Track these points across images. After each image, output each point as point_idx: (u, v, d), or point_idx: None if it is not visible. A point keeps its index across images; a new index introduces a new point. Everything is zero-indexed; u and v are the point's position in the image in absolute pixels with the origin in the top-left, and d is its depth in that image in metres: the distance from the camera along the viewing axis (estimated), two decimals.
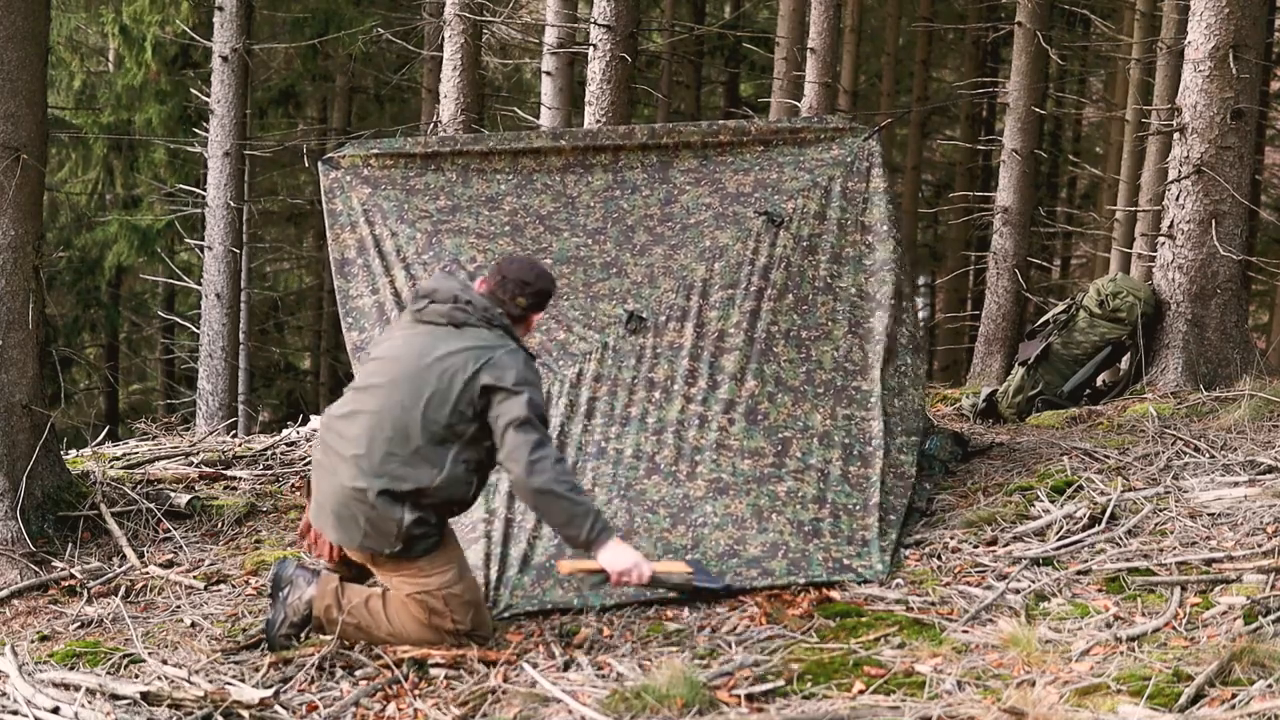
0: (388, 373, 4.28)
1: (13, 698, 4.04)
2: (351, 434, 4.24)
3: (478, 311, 4.32)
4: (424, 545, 4.25)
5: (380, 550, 4.22)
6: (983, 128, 20.10)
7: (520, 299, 4.43)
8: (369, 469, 4.17)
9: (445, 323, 4.31)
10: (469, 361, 4.20)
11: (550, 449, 4.15)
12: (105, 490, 6.04)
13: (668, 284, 5.84)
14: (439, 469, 4.17)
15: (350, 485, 4.20)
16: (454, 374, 4.19)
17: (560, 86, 11.43)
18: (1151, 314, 8.53)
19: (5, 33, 5.48)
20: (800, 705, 3.74)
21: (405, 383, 4.22)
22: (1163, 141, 11.22)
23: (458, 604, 4.30)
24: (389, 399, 4.21)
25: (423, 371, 4.21)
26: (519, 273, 4.48)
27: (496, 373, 4.17)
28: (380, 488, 4.15)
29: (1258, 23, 8.43)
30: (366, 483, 4.17)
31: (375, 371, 4.33)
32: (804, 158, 6.46)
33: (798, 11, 13.47)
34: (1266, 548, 4.70)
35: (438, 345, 4.25)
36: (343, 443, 4.25)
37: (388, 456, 4.17)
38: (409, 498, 4.17)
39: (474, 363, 4.19)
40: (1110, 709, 3.45)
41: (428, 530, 4.23)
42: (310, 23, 16.33)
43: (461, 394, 4.17)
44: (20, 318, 5.57)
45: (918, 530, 5.40)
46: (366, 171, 6.20)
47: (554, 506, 4.12)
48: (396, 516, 4.17)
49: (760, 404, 5.48)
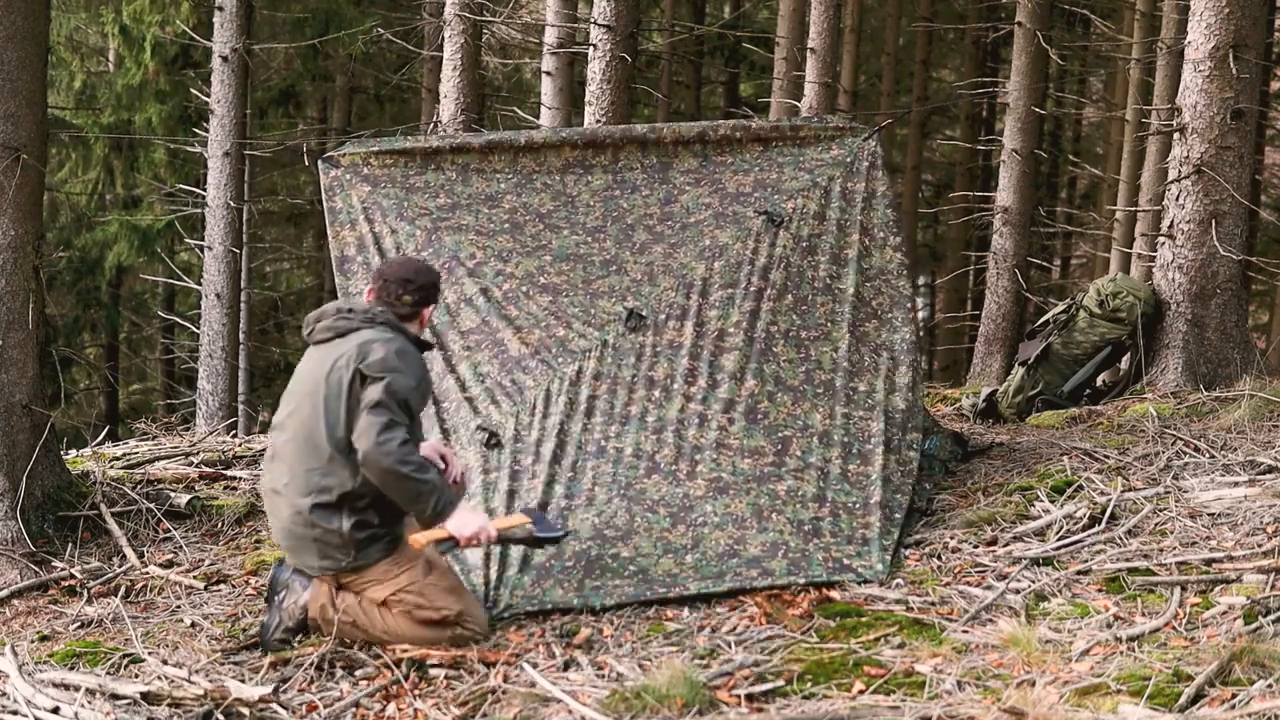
0: (292, 402, 4.47)
1: (13, 698, 4.03)
2: (277, 471, 4.44)
3: (359, 315, 4.48)
4: (378, 548, 4.36)
5: (339, 567, 4.36)
6: (983, 128, 20.09)
7: (406, 296, 4.57)
8: (297, 490, 4.34)
9: (332, 336, 4.47)
10: (350, 361, 4.35)
11: (399, 431, 4.25)
12: (105, 490, 6.04)
13: (667, 282, 5.84)
14: (355, 470, 4.29)
15: (289, 514, 4.37)
16: (340, 378, 4.34)
17: (560, 86, 11.43)
18: (1151, 314, 8.53)
19: (5, 33, 5.48)
20: (800, 705, 3.74)
21: (306, 402, 4.39)
22: (1163, 141, 11.22)
23: (436, 592, 4.37)
24: (297, 423, 4.40)
25: (318, 386, 4.37)
26: (399, 272, 4.63)
27: (368, 361, 4.33)
28: (311, 503, 4.32)
29: (1258, 23, 8.42)
30: (300, 503, 4.33)
31: (283, 407, 4.52)
32: (804, 158, 6.47)
33: (798, 11, 13.47)
34: (1266, 548, 4.70)
35: (327, 359, 4.41)
36: (273, 481, 4.45)
37: (308, 473, 4.34)
38: (342, 504, 4.31)
39: (354, 360, 4.34)
40: (1110, 709, 3.45)
41: (374, 532, 4.34)
42: (310, 23, 16.32)
43: (350, 394, 4.32)
44: (20, 318, 5.57)
45: (918, 530, 5.40)
46: (366, 170, 6.21)
47: (401, 485, 4.23)
48: (335, 526, 4.31)
49: (760, 403, 5.48)
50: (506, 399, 5.41)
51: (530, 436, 5.26)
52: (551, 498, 5.04)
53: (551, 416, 5.30)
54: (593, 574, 4.78)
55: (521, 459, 5.19)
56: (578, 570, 4.79)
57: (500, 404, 5.39)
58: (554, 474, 5.12)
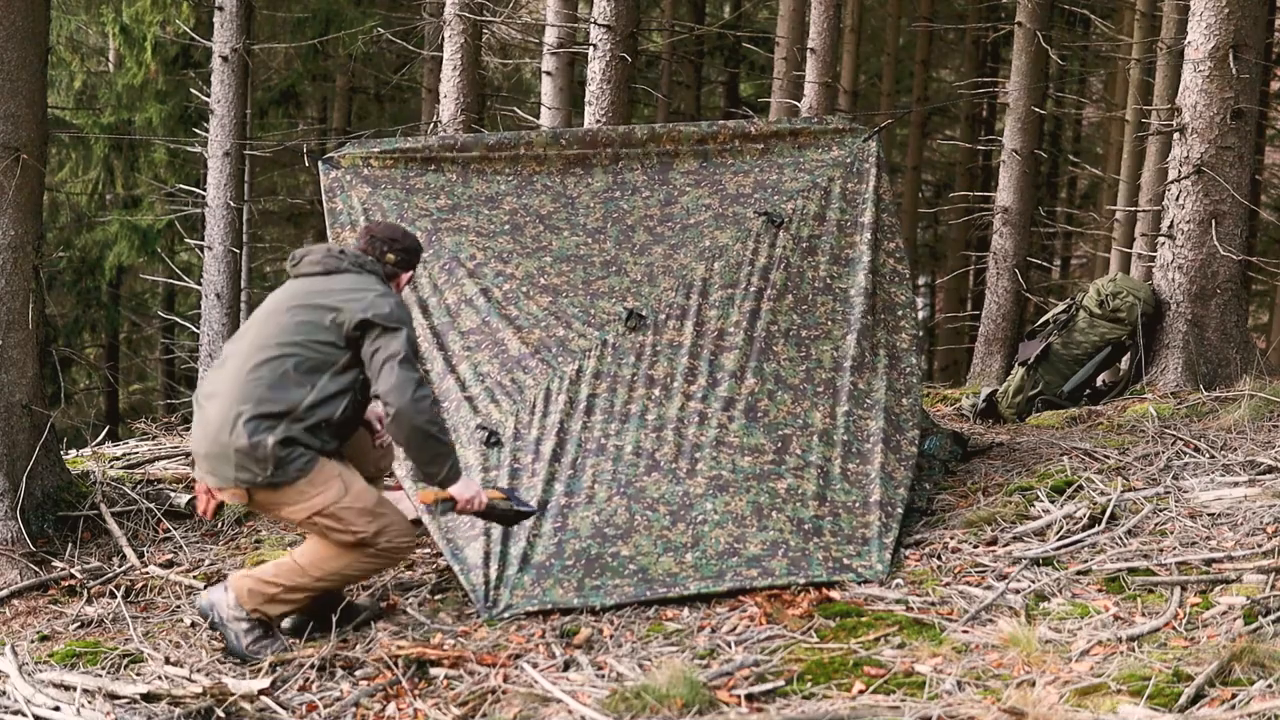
0: (256, 319, 4.51)
1: (13, 698, 4.04)
2: (222, 377, 4.41)
3: (350, 258, 4.56)
4: (296, 466, 4.32)
5: (255, 480, 4.31)
6: (983, 128, 20.09)
7: (390, 255, 4.67)
8: (237, 397, 4.31)
9: (321, 271, 4.53)
10: (344, 297, 4.40)
11: (429, 389, 4.36)
12: (105, 490, 6.04)
13: (667, 283, 5.84)
14: (309, 390, 4.33)
15: (219, 421, 4.32)
16: (327, 307, 4.38)
17: (560, 86, 11.43)
18: (1151, 314, 8.53)
19: (5, 32, 5.48)
20: (800, 705, 3.74)
21: (274, 319, 4.43)
22: (1163, 141, 11.21)
23: (352, 514, 4.37)
24: (257, 336, 4.42)
25: (294, 309, 4.42)
26: (387, 231, 4.74)
27: (373, 309, 4.36)
28: (251, 413, 4.29)
29: (1258, 23, 8.42)
30: (235, 410, 4.29)
31: (246, 324, 4.56)
32: (804, 159, 6.47)
33: (798, 11, 13.47)
34: (1266, 548, 4.70)
35: (311, 287, 4.47)
36: (213, 386, 4.42)
37: (254, 383, 4.32)
38: (278, 420, 4.29)
39: (349, 298, 4.39)
40: (1110, 709, 3.45)
41: (295, 451, 4.31)
42: (310, 23, 16.31)
43: (335, 325, 4.36)
44: (20, 318, 5.57)
45: (918, 530, 5.40)
46: (367, 171, 6.22)
47: (427, 445, 4.32)
48: (260, 439, 4.27)
49: (760, 401, 5.48)
50: (506, 398, 5.41)
51: (530, 435, 5.26)
52: (551, 496, 5.04)
53: (551, 415, 5.31)
54: (593, 573, 4.78)
55: (521, 457, 5.19)
56: (578, 569, 4.79)
57: (500, 403, 5.39)
58: (554, 472, 5.12)
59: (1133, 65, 13.83)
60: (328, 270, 4.52)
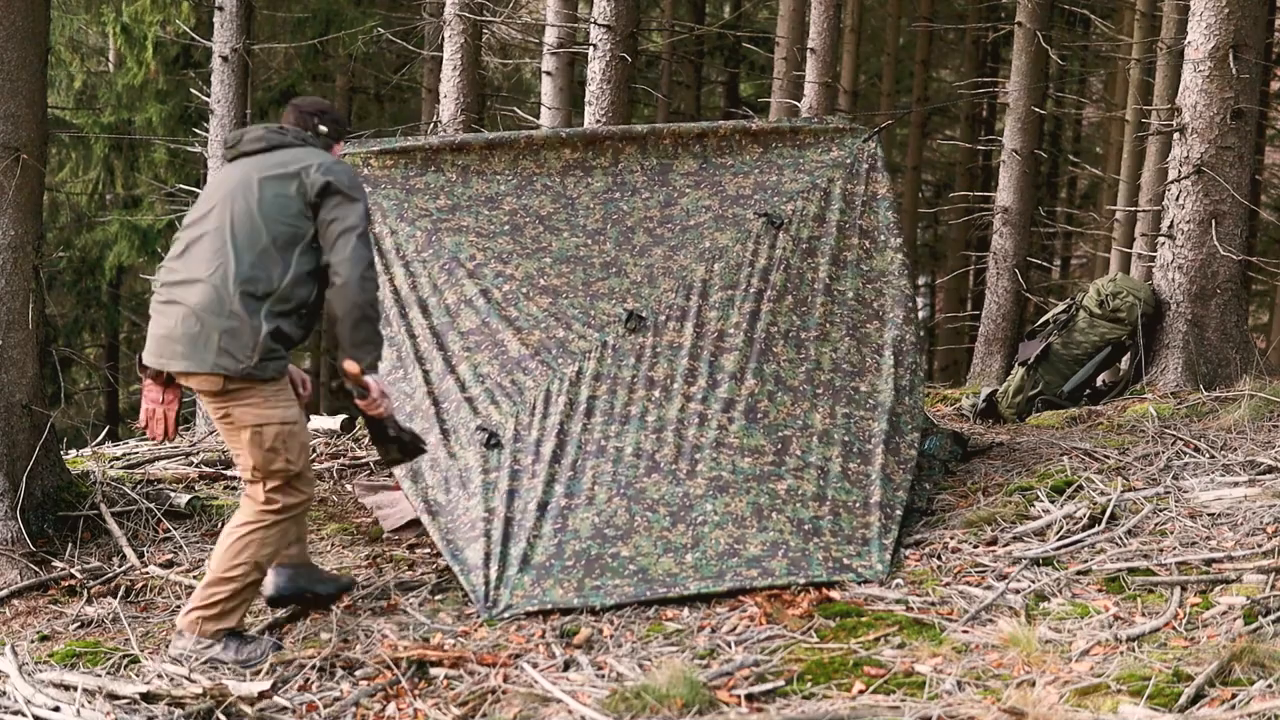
0: (215, 197, 4.41)
1: (13, 698, 4.04)
2: (195, 260, 4.34)
3: (292, 133, 4.53)
4: (276, 367, 4.32)
5: (234, 368, 4.25)
6: (983, 128, 20.09)
7: (321, 125, 4.63)
8: (226, 276, 4.26)
9: (265, 146, 4.48)
10: (303, 166, 4.37)
11: (377, 274, 4.43)
12: (105, 490, 6.04)
13: (667, 284, 5.84)
14: (286, 269, 4.30)
15: (203, 301, 4.26)
16: (289, 175, 4.35)
17: (560, 86, 11.43)
18: (1151, 314, 8.53)
19: (5, 32, 5.48)
20: (800, 705, 3.74)
21: (241, 195, 4.35)
22: (1163, 141, 11.21)
23: (295, 443, 4.38)
24: (227, 212, 4.34)
25: (251, 185, 4.36)
26: (312, 104, 4.71)
27: (333, 174, 4.35)
28: (241, 290, 4.24)
29: (1258, 23, 8.42)
30: (225, 289, 4.24)
31: (202, 204, 4.46)
32: (804, 160, 6.47)
33: (798, 11, 13.47)
34: (1266, 548, 4.70)
35: (265, 162, 4.42)
36: (187, 271, 4.33)
37: (239, 260, 4.27)
38: (263, 300, 4.26)
39: (310, 165, 4.37)
40: (1110, 709, 3.45)
41: (279, 350, 4.31)
42: (310, 23, 16.31)
43: (299, 194, 4.33)
44: (20, 318, 5.57)
45: (918, 530, 5.40)
46: (366, 171, 6.22)
47: (361, 326, 4.27)
48: (255, 324, 4.24)
49: (760, 402, 5.48)
50: (506, 399, 5.41)
51: (530, 436, 5.26)
52: (551, 497, 5.04)
53: (551, 416, 5.31)
54: (593, 574, 4.78)
55: (521, 459, 5.19)
56: (578, 570, 4.79)
57: (500, 404, 5.39)
58: (554, 473, 5.12)
59: (1133, 65, 13.83)
60: (272, 145, 4.48)
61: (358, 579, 5.18)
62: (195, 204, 4.52)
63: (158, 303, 4.42)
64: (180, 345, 4.29)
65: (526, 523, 4.93)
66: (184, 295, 4.31)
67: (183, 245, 4.41)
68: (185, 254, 4.38)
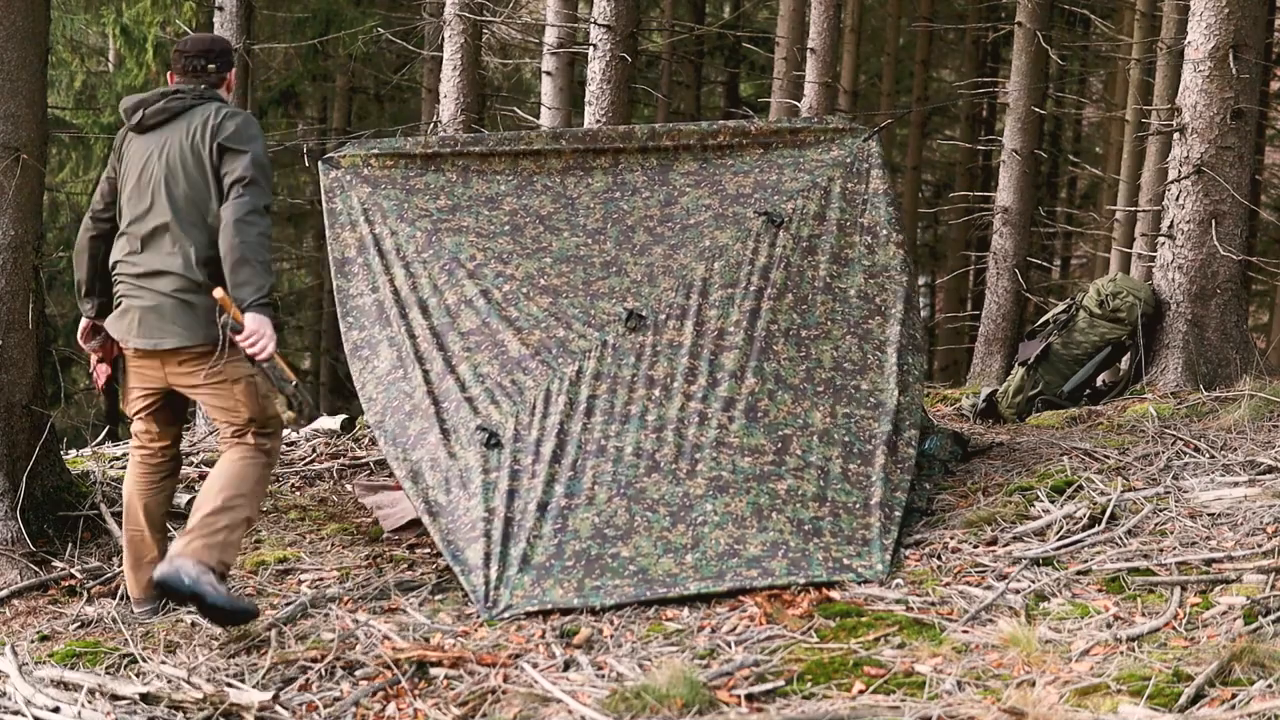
0: (146, 193, 4.74)
1: (13, 698, 4.04)
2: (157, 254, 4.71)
3: (189, 94, 4.81)
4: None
5: (195, 342, 4.65)
6: (983, 128, 20.08)
7: (210, 65, 4.89)
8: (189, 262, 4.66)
9: (168, 119, 4.78)
10: (205, 134, 4.69)
11: (264, 220, 4.65)
12: (105, 490, 6.04)
13: (667, 283, 5.84)
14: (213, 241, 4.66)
15: (178, 286, 4.66)
16: (199, 151, 4.69)
17: (560, 86, 11.43)
18: (1151, 314, 8.53)
19: (5, 32, 5.48)
20: (800, 705, 3.74)
21: (172, 183, 4.70)
22: (1163, 141, 11.21)
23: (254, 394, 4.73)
24: (170, 205, 4.69)
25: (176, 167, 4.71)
26: (195, 45, 4.95)
27: (227, 134, 4.68)
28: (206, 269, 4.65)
29: (1258, 23, 8.42)
30: (192, 273, 4.65)
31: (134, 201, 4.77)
32: (803, 159, 6.47)
33: (798, 11, 13.47)
34: (1266, 548, 4.70)
35: (172, 139, 4.74)
36: (151, 264, 4.71)
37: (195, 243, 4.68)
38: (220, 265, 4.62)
39: (210, 134, 4.69)
40: (1110, 709, 3.45)
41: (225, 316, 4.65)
42: (310, 23, 16.31)
43: (212, 166, 4.68)
44: (20, 318, 5.57)
45: (918, 530, 5.40)
46: (367, 171, 6.22)
47: (241, 267, 4.55)
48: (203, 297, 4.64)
49: (760, 401, 5.48)
50: (506, 399, 5.41)
51: (530, 436, 5.26)
52: (551, 497, 5.04)
53: (551, 416, 5.31)
54: (593, 574, 4.78)
55: (521, 458, 5.19)
56: (578, 570, 4.79)
57: (500, 404, 5.39)
58: (554, 473, 5.12)
59: (1133, 65, 13.83)
60: (173, 114, 4.78)
61: (358, 579, 5.18)
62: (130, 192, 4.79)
63: (129, 290, 4.76)
64: (174, 325, 4.67)
65: (526, 523, 4.93)
66: (158, 285, 4.68)
67: (138, 241, 4.74)
68: (146, 249, 4.73)
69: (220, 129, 4.68)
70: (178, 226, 4.66)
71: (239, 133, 4.68)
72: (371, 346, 5.71)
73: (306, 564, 5.46)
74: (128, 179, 4.81)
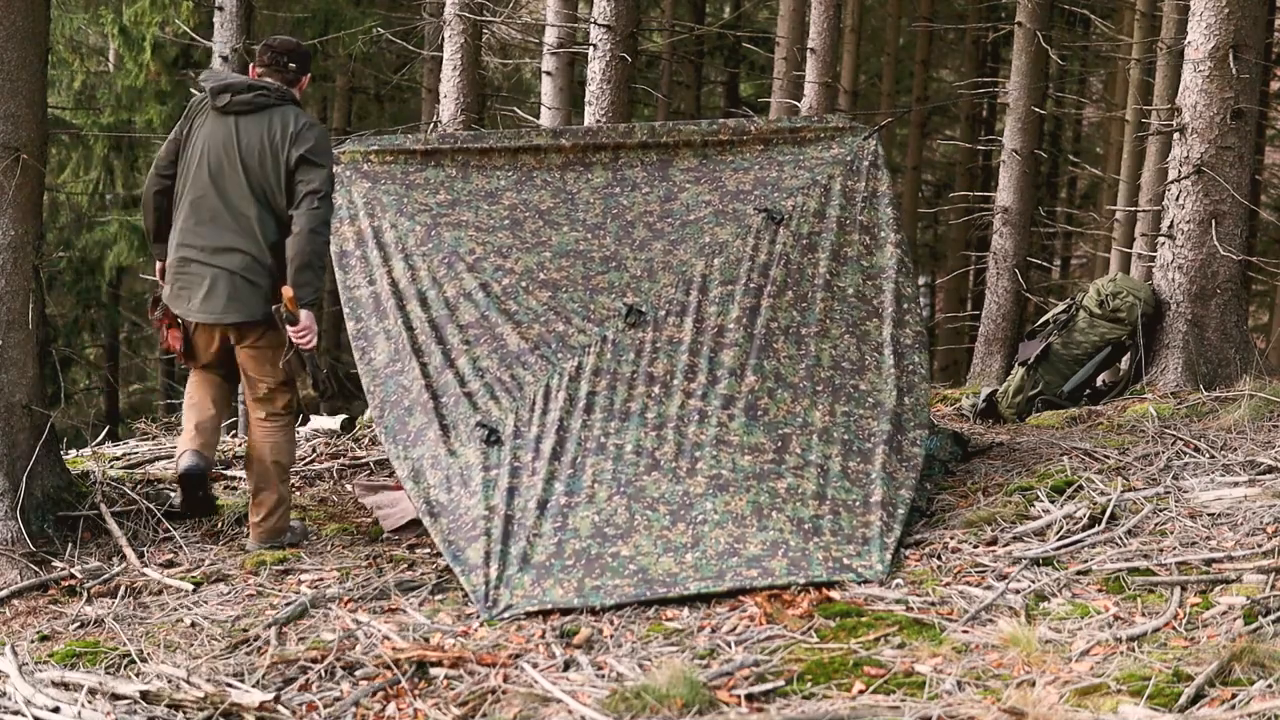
0: (218, 167, 5.31)
1: (13, 698, 4.03)
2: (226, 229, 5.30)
3: (274, 93, 5.37)
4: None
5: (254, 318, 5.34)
6: (983, 128, 20.09)
7: (292, 64, 5.49)
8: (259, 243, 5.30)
9: (251, 109, 5.33)
10: (282, 135, 5.27)
11: (329, 231, 5.38)
12: (105, 490, 6.04)
13: (667, 279, 5.85)
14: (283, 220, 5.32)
15: (246, 265, 5.29)
16: (278, 151, 5.27)
17: (560, 86, 11.43)
18: (1151, 314, 8.53)
19: (5, 32, 5.48)
20: (800, 705, 3.74)
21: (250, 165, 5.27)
22: (1163, 141, 11.21)
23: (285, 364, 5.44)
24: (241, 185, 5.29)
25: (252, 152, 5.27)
26: (282, 44, 5.55)
27: (310, 146, 5.29)
28: (273, 252, 5.30)
29: (1258, 23, 8.42)
30: (262, 255, 5.29)
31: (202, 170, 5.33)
32: (804, 156, 6.47)
33: (798, 11, 13.47)
34: (1266, 548, 4.70)
35: (253, 130, 5.31)
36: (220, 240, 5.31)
37: (264, 226, 5.30)
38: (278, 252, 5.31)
39: (287, 137, 5.27)
40: (1110, 709, 3.45)
41: None
42: (310, 23, 16.31)
43: (285, 163, 5.27)
44: (20, 318, 5.57)
45: (918, 530, 5.40)
46: (366, 166, 6.23)
47: (304, 271, 5.23)
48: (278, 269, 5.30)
49: (760, 399, 5.48)
50: (506, 394, 5.41)
51: (530, 432, 5.26)
52: (551, 495, 5.04)
53: (551, 412, 5.31)
54: (593, 573, 4.78)
55: (521, 455, 5.19)
56: (578, 569, 4.79)
57: (500, 400, 5.39)
58: (554, 470, 5.12)
59: (1133, 65, 13.83)
60: (258, 108, 5.32)
61: (358, 579, 5.18)
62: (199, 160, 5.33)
63: (193, 265, 5.34)
64: (238, 303, 5.30)
65: (527, 521, 4.93)
66: (226, 262, 5.28)
67: (206, 213, 5.31)
68: (214, 221, 5.29)
69: (301, 138, 5.27)
70: (253, 211, 5.26)
71: (318, 146, 5.31)
72: (368, 338, 5.71)
73: (306, 564, 5.46)
74: (196, 152, 5.34)
